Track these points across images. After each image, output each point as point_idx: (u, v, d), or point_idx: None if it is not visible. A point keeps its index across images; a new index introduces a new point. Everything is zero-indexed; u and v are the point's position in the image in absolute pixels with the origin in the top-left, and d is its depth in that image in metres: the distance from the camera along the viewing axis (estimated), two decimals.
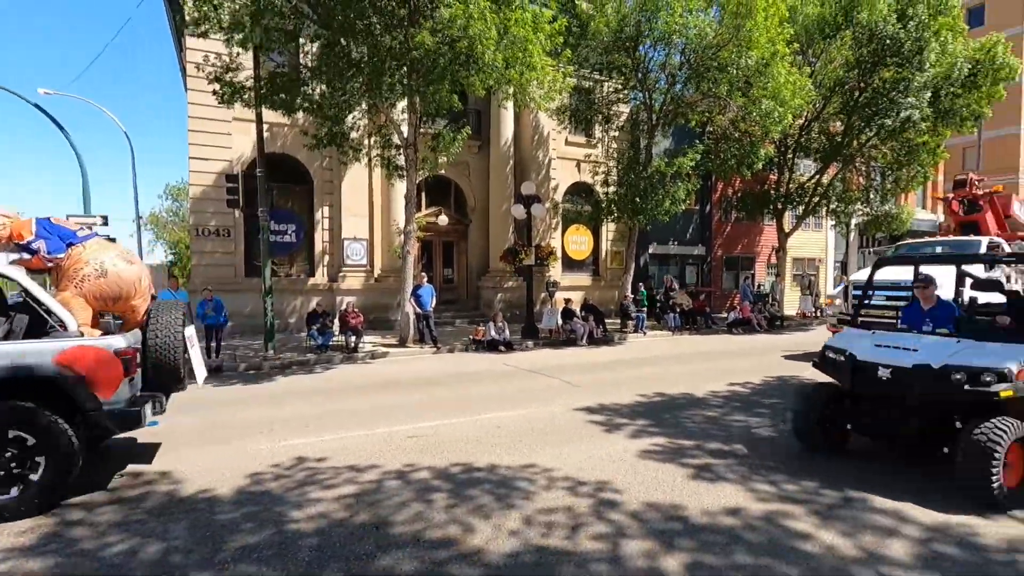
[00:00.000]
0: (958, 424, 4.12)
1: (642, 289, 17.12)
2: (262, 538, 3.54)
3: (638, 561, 3.22)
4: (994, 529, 3.62)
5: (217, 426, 6.27)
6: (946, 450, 4.09)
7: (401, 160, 12.41)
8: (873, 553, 3.29)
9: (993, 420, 3.87)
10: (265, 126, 12.73)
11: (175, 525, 3.74)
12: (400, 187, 13.97)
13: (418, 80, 10.38)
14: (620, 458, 4.99)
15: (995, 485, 3.78)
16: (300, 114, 12.05)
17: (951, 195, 13.41)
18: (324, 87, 10.88)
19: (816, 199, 19.12)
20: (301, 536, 3.57)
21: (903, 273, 8.14)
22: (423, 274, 13.49)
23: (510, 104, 13.70)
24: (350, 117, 12.13)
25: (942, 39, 15.19)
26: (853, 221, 22.01)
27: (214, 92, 10.83)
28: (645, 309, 16.43)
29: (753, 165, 15.81)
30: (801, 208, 19.34)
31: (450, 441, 5.57)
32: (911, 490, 4.21)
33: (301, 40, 11.18)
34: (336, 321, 12.36)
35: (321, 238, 15.58)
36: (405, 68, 10.43)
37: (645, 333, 15.26)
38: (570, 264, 19.20)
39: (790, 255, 22.13)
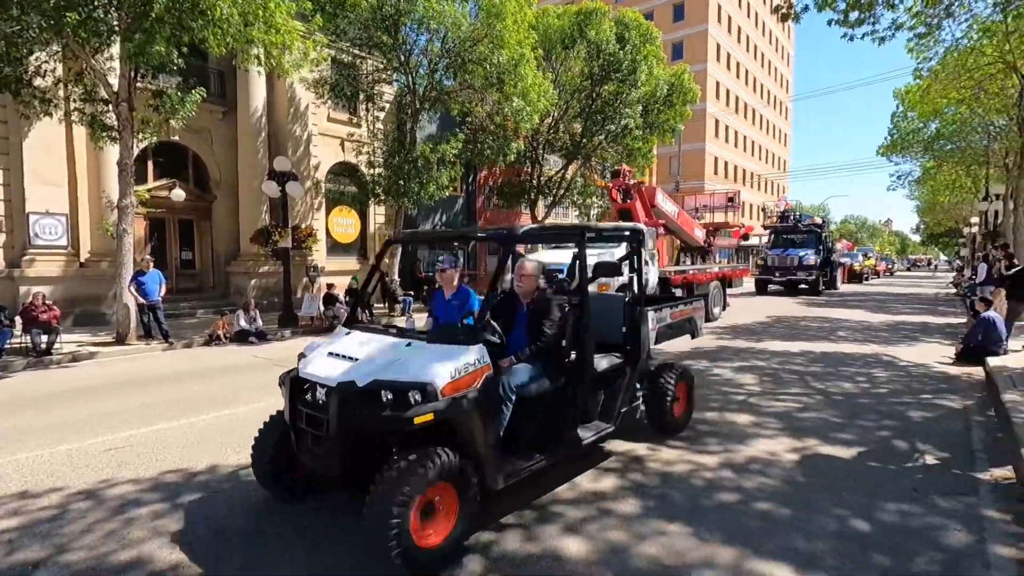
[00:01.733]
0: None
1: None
2: None
3: None
4: None
5: None
6: None
7: (112, 119, 10.22)
8: None
9: (417, 451, 2.81)
10: None
11: None
12: (113, 152, 11.52)
13: (129, 23, 8.62)
14: None
15: (395, 545, 2.60)
16: None
17: (610, 184, 13.96)
18: None
19: (562, 191, 21.69)
20: None
21: (568, 256, 9.48)
22: (148, 258, 11.40)
23: (260, 69, 12.34)
24: (33, 58, 9.53)
25: (649, 63, 18.51)
26: (592, 212, 25.59)
27: None
28: (412, 292, 16.65)
29: (507, 156, 17.15)
30: (551, 199, 21.74)
31: (165, 447, 4.84)
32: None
33: None
34: (18, 317, 9.70)
35: None
36: (112, 5, 8.55)
37: (412, 316, 15.46)
38: (336, 247, 18.33)
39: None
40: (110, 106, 10.08)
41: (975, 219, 25.35)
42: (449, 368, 2.97)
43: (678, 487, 3.95)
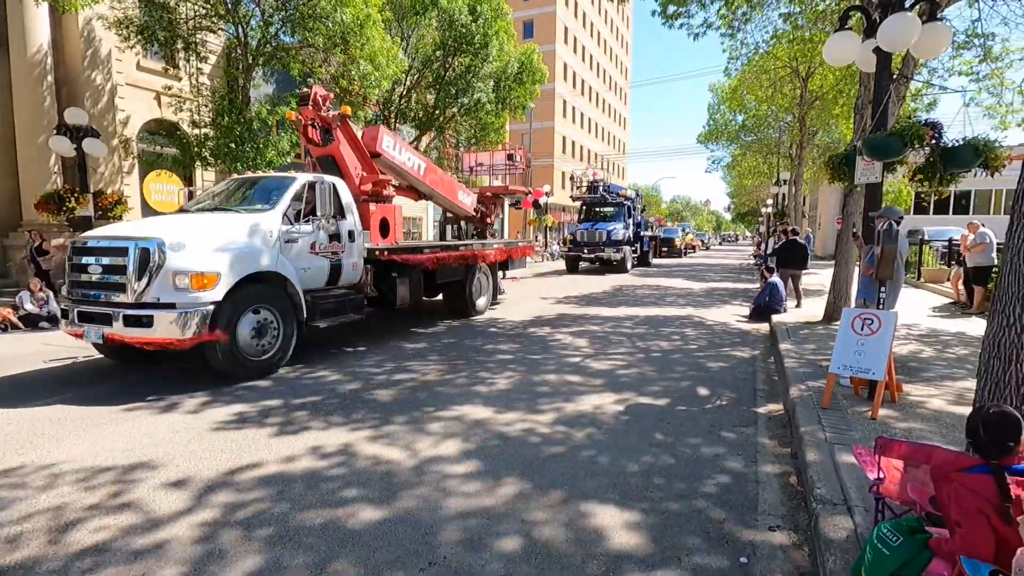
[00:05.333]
0: None
1: None
2: None
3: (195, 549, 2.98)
4: None
5: None
6: None
7: None
8: None
9: None
10: None
11: None
12: None
13: None
14: (173, 438, 4.52)
15: None
16: None
17: (298, 116, 8.22)
18: None
19: None
20: None
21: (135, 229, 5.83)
22: None
23: None
24: None
25: (501, 39, 18.74)
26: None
27: None
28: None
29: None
30: None
31: None
32: None
33: None
34: None
35: None
36: None
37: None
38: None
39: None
40: None
41: (770, 200, 30.05)
42: None
43: (514, 445, 4.21)
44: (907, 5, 5.36)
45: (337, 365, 6.59)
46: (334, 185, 7.40)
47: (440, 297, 10.28)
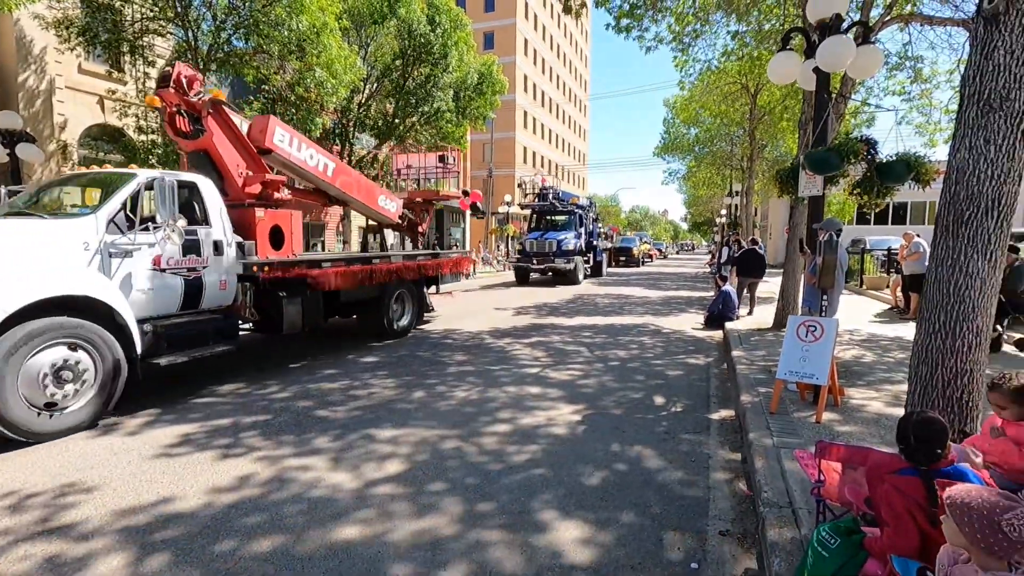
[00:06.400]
0: None
1: None
2: None
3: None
4: None
5: None
6: None
7: None
8: None
9: None
10: None
11: None
12: None
13: None
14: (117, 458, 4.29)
15: None
16: None
17: (158, 101, 6.71)
18: None
19: (374, 173, 21.04)
20: None
21: None
22: None
23: None
24: None
25: (460, 49, 18.82)
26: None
27: None
28: None
29: (310, 132, 16.03)
30: None
31: None
32: None
33: None
34: None
35: None
36: None
37: None
38: None
39: (356, 223, 23.77)
40: None
41: (724, 211, 31.07)
42: None
43: (471, 458, 4.18)
44: (843, 28, 5.66)
45: (289, 381, 6.39)
46: (193, 184, 5.99)
47: (355, 317, 9.10)
